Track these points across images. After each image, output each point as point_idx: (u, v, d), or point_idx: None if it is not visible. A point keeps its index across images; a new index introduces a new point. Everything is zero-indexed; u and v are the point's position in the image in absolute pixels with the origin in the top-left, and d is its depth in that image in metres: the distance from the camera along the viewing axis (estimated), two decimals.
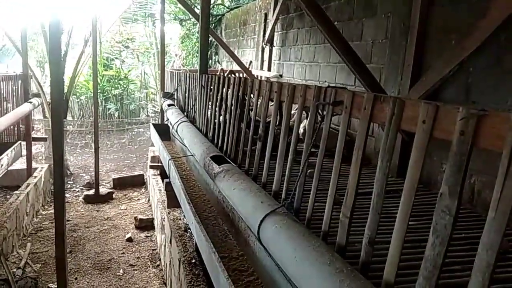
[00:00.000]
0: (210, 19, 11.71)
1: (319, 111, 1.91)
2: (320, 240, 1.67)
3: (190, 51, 13.71)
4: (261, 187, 2.51)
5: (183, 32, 14.52)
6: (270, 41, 7.96)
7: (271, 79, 7.00)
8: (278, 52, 7.80)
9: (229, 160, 2.98)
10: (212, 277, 2.42)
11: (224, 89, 3.43)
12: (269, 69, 8.07)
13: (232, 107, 3.16)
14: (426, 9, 3.61)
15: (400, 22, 3.99)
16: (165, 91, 7.41)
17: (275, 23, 7.69)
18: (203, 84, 4.13)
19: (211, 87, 3.85)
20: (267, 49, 8.13)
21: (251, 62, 8.92)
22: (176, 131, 4.51)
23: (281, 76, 7.48)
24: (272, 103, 2.65)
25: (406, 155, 3.46)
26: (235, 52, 9.70)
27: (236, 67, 8.47)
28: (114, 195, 8.09)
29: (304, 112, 2.25)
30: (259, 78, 7.49)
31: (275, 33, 7.85)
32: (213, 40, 10.45)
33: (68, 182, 8.86)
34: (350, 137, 1.84)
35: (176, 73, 6.65)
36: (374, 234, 1.50)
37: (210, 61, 12.54)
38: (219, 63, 11.77)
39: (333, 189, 1.79)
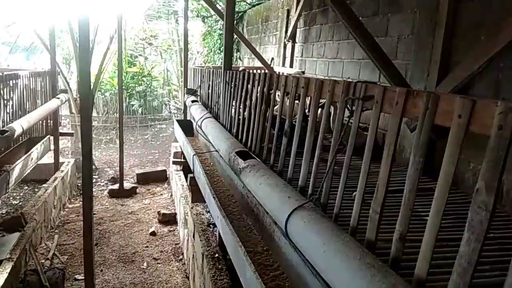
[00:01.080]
0: None
1: (348, 106, 1.90)
2: (349, 236, 1.66)
3: (211, 48, 13.80)
4: (288, 182, 2.52)
5: (205, 29, 14.62)
6: (293, 38, 7.93)
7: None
8: (300, 49, 7.77)
9: (254, 156, 2.99)
10: (238, 270, 2.44)
11: (249, 85, 3.44)
12: (291, 66, 8.05)
13: (257, 103, 3.17)
14: (454, 4, 3.53)
15: (427, 17, 3.92)
16: (188, 87, 7.49)
17: (297, 19, 7.65)
18: (227, 80, 4.16)
19: (236, 83, 3.87)
20: (289, 45, 8.10)
21: (272, 59, 8.91)
22: (200, 127, 4.55)
23: (303, 72, 7.45)
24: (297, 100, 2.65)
25: (432, 153, 3.42)
26: (257, 49, 9.71)
27: (258, 64, 8.48)
28: (137, 190, 8.24)
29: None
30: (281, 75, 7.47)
31: (298, 30, 7.82)
32: (235, 37, 10.48)
33: (93, 176, 9.06)
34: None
35: (200, 70, 6.71)
36: (405, 230, 1.49)
37: (232, 58, 12.58)
38: (240, 60, 11.81)
39: (362, 185, 1.78)
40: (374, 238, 1.66)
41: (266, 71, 7.58)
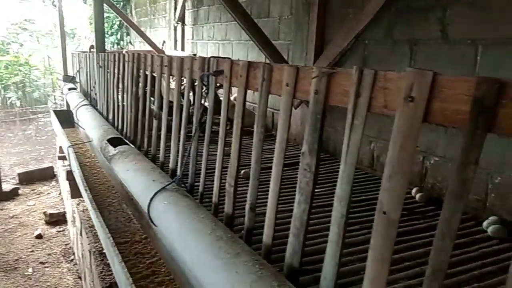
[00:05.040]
0: None
1: (204, 82, 1.87)
2: (207, 212, 1.65)
3: None
4: (160, 166, 2.44)
5: (91, 13, 13.52)
6: (182, 20, 7.72)
7: None
8: (190, 31, 7.60)
9: (127, 142, 2.84)
10: (110, 263, 2.32)
11: (121, 66, 3.24)
12: (182, 49, 7.84)
13: (128, 86, 3.00)
14: None
15: None
16: (67, 74, 6.87)
17: (185, 1, 7.45)
18: (100, 64, 3.88)
19: (107, 66, 3.62)
20: (179, 28, 7.87)
21: (164, 42, 8.59)
22: (76, 116, 4.21)
23: (195, 55, 7.30)
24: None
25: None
26: (147, 32, 9.28)
27: (149, 47, 8.10)
28: (20, 191, 7.42)
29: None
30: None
31: (186, 11, 7.62)
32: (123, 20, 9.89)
33: None
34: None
35: (78, 55, 6.19)
36: (254, 200, 1.51)
37: (122, 42, 11.87)
38: (131, 44, 11.20)
39: (220, 160, 1.77)
40: (232, 212, 1.67)
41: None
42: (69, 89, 5.41)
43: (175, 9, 7.99)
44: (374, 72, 0.98)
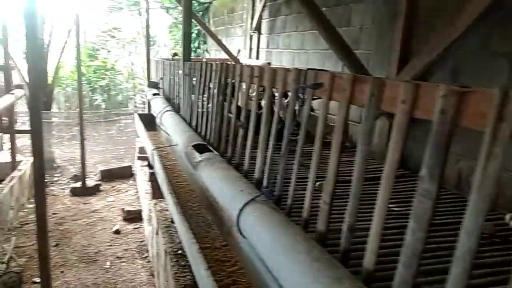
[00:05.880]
0: (198, 7, 11.53)
1: (299, 94, 1.83)
2: (298, 228, 1.60)
3: (178, 40, 13.49)
4: (244, 175, 2.44)
5: (171, 21, 14.28)
6: (258, 29, 7.83)
7: None
8: (266, 40, 7.68)
9: (211, 149, 2.89)
10: (193, 268, 2.35)
11: (207, 75, 3.32)
12: (257, 58, 7.95)
13: (214, 94, 3.06)
14: None
15: (387, 6, 3.92)
16: (151, 80, 7.27)
17: (262, 10, 7.55)
18: (186, 72, 4.02)
19: (194, 74, 3.75)
20: (255, 37, 8.00)
21: (239, 50, 8.78)
22: (160, 121, 4.40)
23: (269, 64, 7.36)
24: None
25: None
26: (224, 41, 9.53)
27: (224, 56, 8.33)
28: (101, 187, 7.97)
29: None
30: None
31: (263, 21, 7.72)
32: (201, 29, 10.28)
33: (55, 175, 8.70)
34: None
35: (162, 62, 6.51)
36: (354, 220, 1.43)
37: (199, 50, 12.35)
38: (207, 52, 11.60)
39: (313, 174, 1.71)
40: (325, 230, 1.60)
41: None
42: (153, 94, 5.70)
43: (252, 18, 8.14)
44: None
